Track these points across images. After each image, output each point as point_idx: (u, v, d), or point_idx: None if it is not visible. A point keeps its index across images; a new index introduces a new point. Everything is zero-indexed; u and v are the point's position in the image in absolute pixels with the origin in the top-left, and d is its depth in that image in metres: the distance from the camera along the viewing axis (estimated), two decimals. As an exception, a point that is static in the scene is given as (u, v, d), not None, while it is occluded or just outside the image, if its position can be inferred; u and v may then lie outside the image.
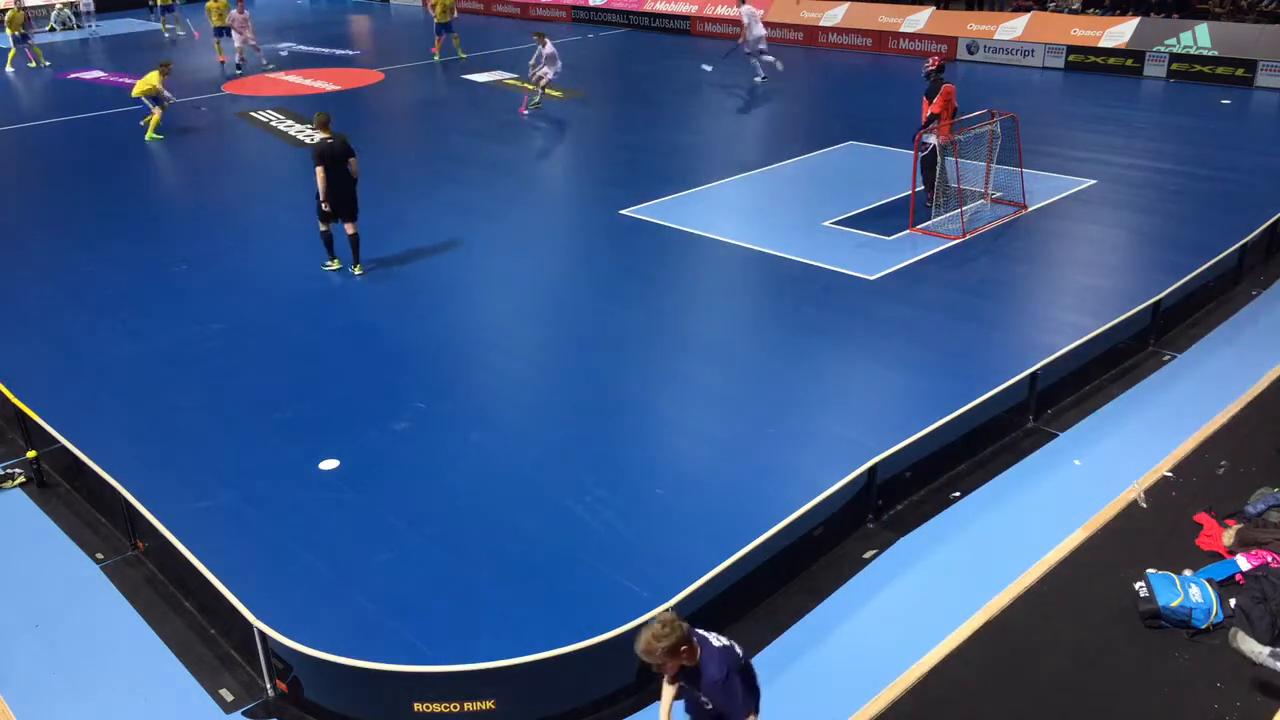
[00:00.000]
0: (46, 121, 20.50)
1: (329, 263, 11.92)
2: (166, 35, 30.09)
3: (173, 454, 8.23)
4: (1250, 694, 5.72)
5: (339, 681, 5.89)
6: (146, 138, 18.38)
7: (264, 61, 24.36)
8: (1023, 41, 23.12)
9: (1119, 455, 8.15)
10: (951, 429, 7.97)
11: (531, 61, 20.18)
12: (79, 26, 33.09)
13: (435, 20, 25.28)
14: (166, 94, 18.80)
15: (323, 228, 11.70)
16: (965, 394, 8.30)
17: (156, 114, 18.52)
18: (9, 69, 25.79)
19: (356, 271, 11.76)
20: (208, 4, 24.33)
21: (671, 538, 7.02)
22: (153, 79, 18.55)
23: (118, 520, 7.55)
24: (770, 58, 21.80)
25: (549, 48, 19.83)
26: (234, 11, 23.86)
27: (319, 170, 11.15)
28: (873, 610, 6.61)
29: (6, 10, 26.12)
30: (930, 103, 12.99)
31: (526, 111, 19.88)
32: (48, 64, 26.43)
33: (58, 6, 33.78)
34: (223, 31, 24.44)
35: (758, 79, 21.78)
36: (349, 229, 11.59)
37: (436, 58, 25.49)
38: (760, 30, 21.51)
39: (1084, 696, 5.79)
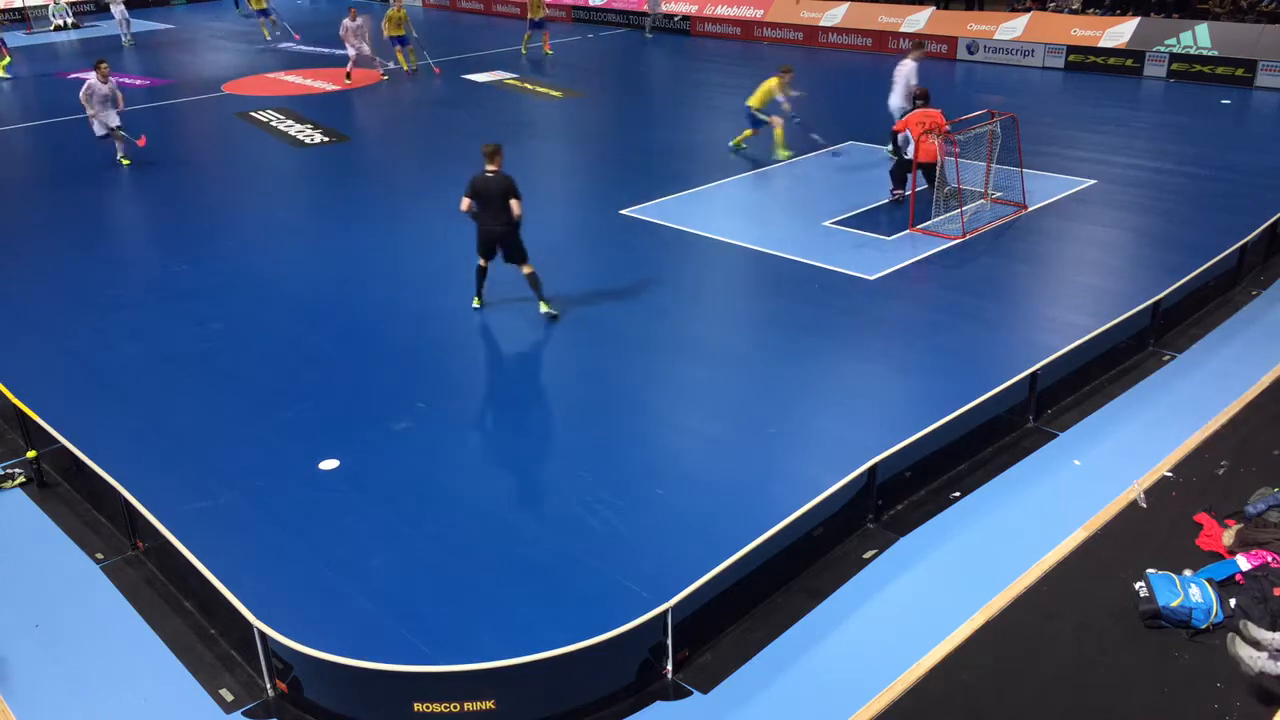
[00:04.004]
0: (47, 122, 20.50)
1: (474, 300, 10.85)
2: (267, 38, 28.90)
3: (173, 454, 8.24)
4: (1250, 694, 5.72)
5: (339, 681, 5.89)
6: (777, 155, 16.11)
7: (377, 65, 24.02)
8: (1023, 41, 23.13)
9: (1119, 455, 8.14)
10: (951, 429, 7.96)
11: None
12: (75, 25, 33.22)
13: (530, 16, 26.29)
14: (784, 102, 15.96)
15: (480, 263, 10.62)
16: (965, 394, 8.30)
17: (778, 129, 15.93)
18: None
19: (543, 309, 10.59)
20: (388, 13, 23.57)
21: (671, 538, 7.02)
22: (771, 85, 15.81)
23: (118, 520, 7.55)
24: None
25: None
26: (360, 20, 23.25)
27: (465, 199, 10.29)
28: (873, 610, 6.61)
29: None
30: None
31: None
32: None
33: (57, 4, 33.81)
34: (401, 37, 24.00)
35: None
36: (524, 270, 10.49)
37: (547, 52, 26.40)
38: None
39: (1084, 696, 5.79)
